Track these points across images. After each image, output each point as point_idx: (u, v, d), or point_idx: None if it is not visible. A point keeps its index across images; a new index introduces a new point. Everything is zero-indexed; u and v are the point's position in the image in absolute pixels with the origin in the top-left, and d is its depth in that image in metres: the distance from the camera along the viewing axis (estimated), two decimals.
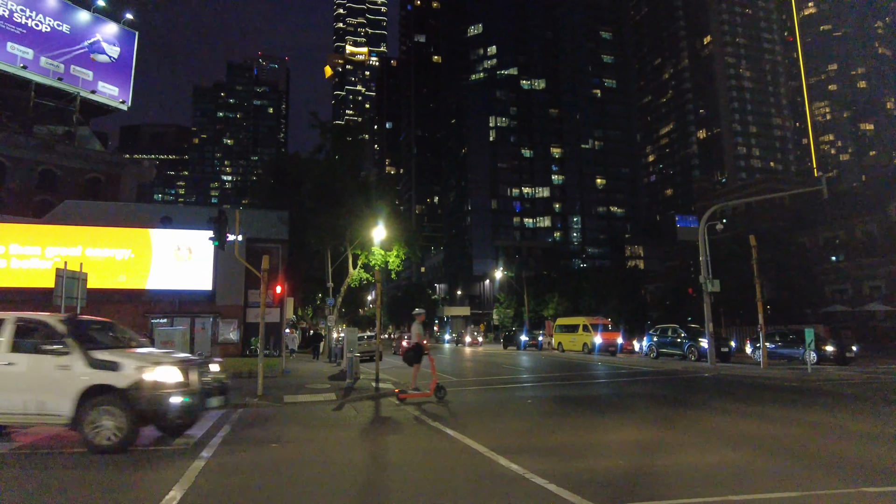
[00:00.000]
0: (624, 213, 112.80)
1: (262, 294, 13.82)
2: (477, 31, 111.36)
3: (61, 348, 7.41)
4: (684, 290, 50.44)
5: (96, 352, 7.54)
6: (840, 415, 10.21)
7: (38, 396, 7.32)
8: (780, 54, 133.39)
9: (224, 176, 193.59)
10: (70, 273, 13.14)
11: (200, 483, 5.79)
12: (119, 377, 7.20)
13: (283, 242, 33.66)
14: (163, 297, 30.40)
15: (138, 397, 7.14)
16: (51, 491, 5.71)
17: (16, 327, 7.70)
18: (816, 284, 50.59)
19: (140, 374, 7.22)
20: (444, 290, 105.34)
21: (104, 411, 7.17)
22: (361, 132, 39.58)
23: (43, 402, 7.30)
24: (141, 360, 7.47)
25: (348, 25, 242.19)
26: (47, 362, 7.38)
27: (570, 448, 7.58)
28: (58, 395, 7.24)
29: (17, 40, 41.87)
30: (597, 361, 26.40)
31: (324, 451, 7.61)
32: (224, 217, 14.83)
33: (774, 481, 5.72)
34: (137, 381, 7.18)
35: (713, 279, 22.51)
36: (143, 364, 7.36)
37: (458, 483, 5.94)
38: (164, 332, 20.58)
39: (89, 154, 46.25)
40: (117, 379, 7.20)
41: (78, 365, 7.31)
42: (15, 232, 28.87)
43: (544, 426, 9.59)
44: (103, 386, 7.20)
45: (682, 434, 8.42)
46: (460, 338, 51.17)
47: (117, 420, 7.15)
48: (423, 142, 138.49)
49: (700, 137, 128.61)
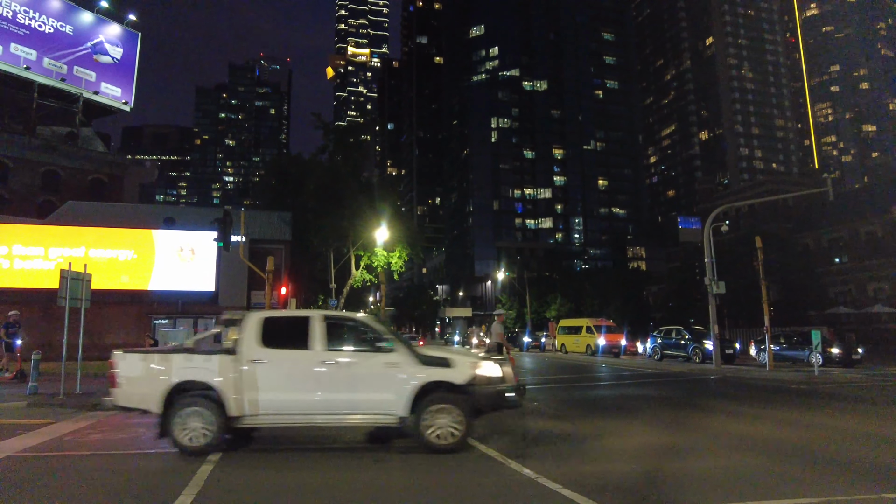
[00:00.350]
0: (626, 215, 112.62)
1: (266, 295, 13.75)
2: (479, 32, 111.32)
3: (387, 346, 7.44)
4: (687, 292, 50.36)
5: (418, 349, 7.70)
6: (853, 418, 10.11)
7: (367, 395, 7.26)
8: (782, 55, 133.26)
9: (226, 177, 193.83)
10: (74, 274, 13.07)
11: (211, 487, 5.71)
12: (456, 374, 7.26)
13: (286, 243, 33.62)
14: (165, 298, 30.36)
15: (475, 392, 7.25)
16: (59, 495, 5.63)
17: (326, 326, 7.56)
18: (820, 286, 50.49)
19: (473, 370, 7.32)
20: (445, 291, 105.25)
21: (439, 408, 7.17)
22: (364, 133, 39.56)
23: (374, 401, 7.25)
24: (466, 357, 7.67)
25: (350, 27, 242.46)
26: (375, 360, 7.37)
27: (581, 451, 7.49)
28: (391, 393, 7.21)
29: (20, 41, 41.91)
30: (601, 363, 26.31)
31: (332, 454, 7.53)
32: (228, 218, 14.76)
33: (792, 487, 5.64)
34: (473, 377, 7.27)
35: (718, 281, 22.41)
36: (473, 360, 7.53)
37: (471, 488, 5.85)
38: (168, 333, 20.48)
39: (92, 155, 46.25)
40: (454, 375, 7.25)
41: (408, 362, 7.31)
42: (18, 232, 28.85)
43: (552, 429, 9.50)
44: (438, 382, 7.22)
45: (692, 437, 8.33)
46: (467, 339, 51.19)
47: (452, 416, 7.17)
48: (425, 143, 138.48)
49: (702, 139, 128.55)
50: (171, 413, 7.18)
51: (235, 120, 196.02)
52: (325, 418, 7.31)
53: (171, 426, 7.16)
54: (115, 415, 10.97)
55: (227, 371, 7.26)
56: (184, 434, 7.14)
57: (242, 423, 7.25)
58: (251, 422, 7.26)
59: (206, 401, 7.18)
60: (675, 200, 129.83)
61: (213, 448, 7.14)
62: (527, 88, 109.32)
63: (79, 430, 9.15)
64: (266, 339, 7.39)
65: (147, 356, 7.69)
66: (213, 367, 7.31)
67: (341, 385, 7.27)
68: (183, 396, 7.23)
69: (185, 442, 7.13)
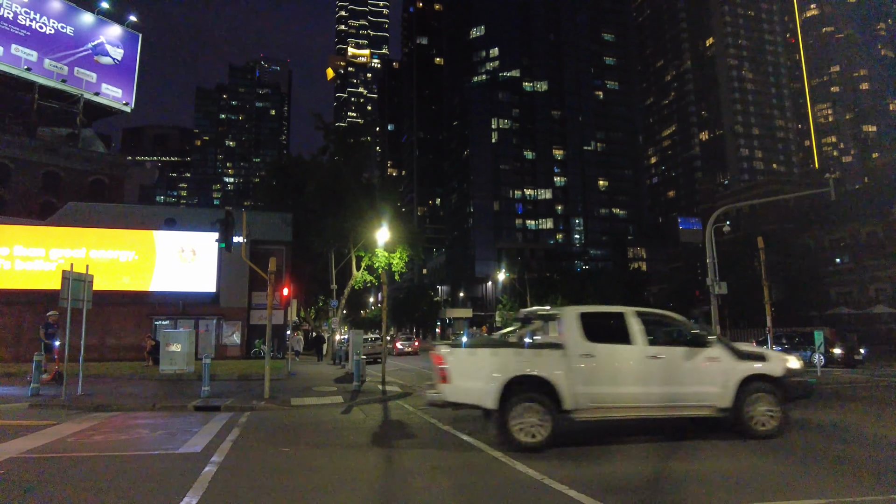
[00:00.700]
0: (626, 215, 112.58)
1: (269, 296, 13.72)
2: (479, 32, 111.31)
3: (705, 340, 7.88)
4: (688, 292, 50.34)
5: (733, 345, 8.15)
6: (857, 418, 10.07)
7: (692, 388, 7.64)
8: (782, 56, 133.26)
9: (226, 178, 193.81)
10: (76, 275, 13.05)
11: (214, 489, 5.69)
12: (773, 367, 7.87)
13: (287, 244, 33.62)
14: (167, 299, 30.36)
15: (789, 384, 7.86)
16: (63, 496, 5.60)
17: (641, 321, 7.87)
18: (822, 286, 50.42)
19: (786, 364, 7.96)
20: (446, 291, 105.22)
21: (757, 398, 7.69)
22: (365, 134, 39.52)
23: (698, 393, 7.65)
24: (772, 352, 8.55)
25: (350, 27, 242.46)
26: (696, 355, 7.73)
27: (585, 452, 7.46)
28: (716, 386, 7.64)
29: (21, 42, 41.94)
30: None
31: (336, 456, 7.50)
32: (230, 219, 14.73)
33: (800, 487, 5.61)
34: (787, 370, 7.90)
35: (720, 281, 22.36)
36: (780, 355, 8.38)
37: (477, 489, 5.84)
38: (169, 333, 20.45)
39: (93, 156, 46.29)
40: (772, 368, 7.84)
41: (728, 357, 7.76)
42: (19, 234, 28.86)
43: (559, 429, 9.46)
44: (759, 375, 7.75)
45: (697, 438, 8.29)
46: None
47: (769, 405, 7.72)
48: (426, 144, 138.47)
49: (703, 139, 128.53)
50: (506, 408, 7.29)
51: (236, 121, 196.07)
52: (650, 411, 7.71)
53: (506, 422, 7.27)
54: (116, 416, 10.96)
55: (559, 365, 7.47)
56: (519, 429, 7.29)
57: (575, 416, 7.51)
58: (584, 415, 7.53)
59: (540, 395, 7.35)
60: (675, 201, 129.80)
61: (547, 444, 7.27)
62: (527, 89, 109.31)
63: (82, 432, 9.12)
64: (588, 334, 7.67)
65: (475, 351, 8.05)
66: (545, 361, 7.53)
67: (667, 378, 7.62)
68: (517, 391, 7.34)
69: (521, 438, 7.27)
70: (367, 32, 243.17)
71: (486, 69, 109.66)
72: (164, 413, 11.39)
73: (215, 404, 11.90)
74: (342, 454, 7.65)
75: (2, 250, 27.95)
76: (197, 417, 10.77)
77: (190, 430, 9.19)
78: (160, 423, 10.14)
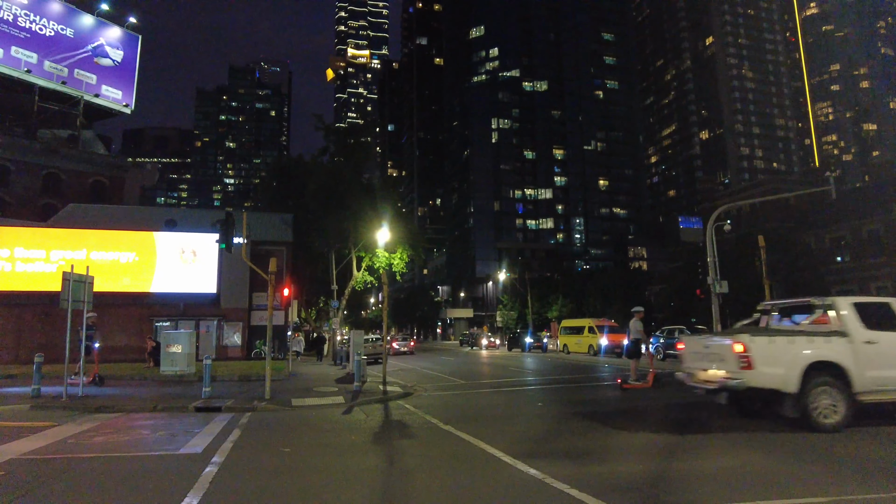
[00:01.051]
0: (627, 215, 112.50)
1: (269, 297, 13.71)
2: (479, 33, 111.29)
3: None
4: (689, 292, 50.26)
5: None
6: (863, 418, 10.03)
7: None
8: (782, 55, 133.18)
9: (226, 179, 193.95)
10: (77, 276, 13.05)
11: (215, 490, 5.68)
12: None
13: (288, 245, 33.60)
14: (167, 300, 30.35)
15: None
16: (64, 497, 5.58)
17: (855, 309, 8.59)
18: (823, 285, 50.29)
19: None
20: (446, 292, 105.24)
21: None
22: (365, 134, 39.56)
23: None
24: None
25: (350, 28, 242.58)
26: None
27: (587, 452, 7.44)
28: None
29: (21, 44, 41.93)
30: (603, 363, 26.21)
31: (338, 457, 7.48)
32: (230, 219, 14.71)
33: (803, 486, 5.59)
34: None
35: (721, 280, 22.35)
36: None
37: (478, 489, 5.82)
38: (170, 335, 20.44)
39: (93, 157, 46.27)
40: None
41: None
42: (20, 235, 28.85)
43: (558, 430, 9.45)
44: None
45: (699, 437, 8.27)
46: (476, 341, 50.73)
47: None
48: (426, 144, 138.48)
49: (703, 138, 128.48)
50: (805, 391, 7.99)
51: (236, 122, 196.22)
52: None
53: (806, 404, 7.96)
54: (117, 417, 10.96)
55: (847, 351, 8.26)
56: (815, 411, 7.99)
57: (863, 399, 8.19)
58: (869, 398, 8.24)
59: (834, 379, 8.05)
60: (676, 200, 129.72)
61: (843, 425, 7.94)
62: (527, 89, 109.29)
63: (83, 433, 9.12)
64: (866, 322, 8.47)
65: (773, 339, 8.49)
66: (835, 348, 8.28)
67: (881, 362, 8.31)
68: (815, 376, 8.03)
69: (819, 419, 7.99)
70: (367, 33, 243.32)
71: (486, 69, 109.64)
72: (165, 414, 11.39)
73: (216, 405, 11.89)
74: (343, 454, 7.63)
75: (2, 252, 27.95)
76: (198, 418, 10.77)
77: (191, 431, 9.18)
78: (161, 424, 10.13)
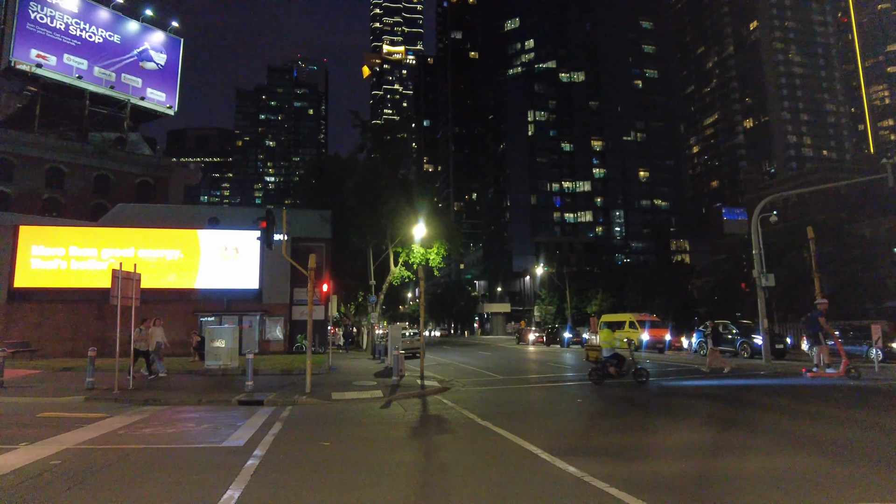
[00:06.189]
0: (668, 207, 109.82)
1: (309, 292, 13.92)
2: (514, 25, 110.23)
3: None
4: (733, 285, 48.79)
5: None
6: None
7: None
8: (832, 36, 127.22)
9: (267, 177, 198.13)
10: (125, 274, 13.52)
11: (256, 483, 5.79)
12: None
13: (327, 241, 34.12)
14: (211, 296, 31.20)
15: None
16: (115, 486, 5.78)
17: None
18: (878, 277, 48.04)
19: None
20: (483, 286, 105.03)
21: None
22: (401, 131, 39.69)
23: None
24: None
25: (385, 25, 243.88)
26: None
27: (628, 450, 7.29)
28: None
29: (72, 52, 43.75)
30: (644, 359, 25.69)
31: (376, 451, 7.54)
32: (271, 217, 15.01)
33: (855, 490, 5.33)
34: None
35: (767, 273, 21.57)
36: None
37: (517, 486, 5.76)
38: (214, 330, 20.99)
39: (140, 159, 47.97)
40: None
41: None
42: (74, 235, 30.16)
43: (597, 426, 9.30)
44: None
45: (744, 436, 8.00)
46: (524, 336, 50.02)
47: None
48: (461, 139, 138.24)
49: (747, 127, 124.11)
50: None
51: (275, 121, 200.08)
52: None
53: None
54: (164, 410, 11.33)
55: None
56: None
57: None
58: None
59: None
60: (719, 191, 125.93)
61: None
62: (563, 80, 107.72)
63: (132, 425, 9.46)
64: None
65: None
66: None
67: None
68: None
69: None
70: (402, 29, 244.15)
71: (521, 61, 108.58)
72: (210, 407, 11.71)
73: (258, 399, 12.16)
74: (381, 449, 7.69)
75: (58, 251, 29.28)
76: (241, 411, 11.03)
77: (234, 424, 9.41)
78: (205, 416, 10.42)
